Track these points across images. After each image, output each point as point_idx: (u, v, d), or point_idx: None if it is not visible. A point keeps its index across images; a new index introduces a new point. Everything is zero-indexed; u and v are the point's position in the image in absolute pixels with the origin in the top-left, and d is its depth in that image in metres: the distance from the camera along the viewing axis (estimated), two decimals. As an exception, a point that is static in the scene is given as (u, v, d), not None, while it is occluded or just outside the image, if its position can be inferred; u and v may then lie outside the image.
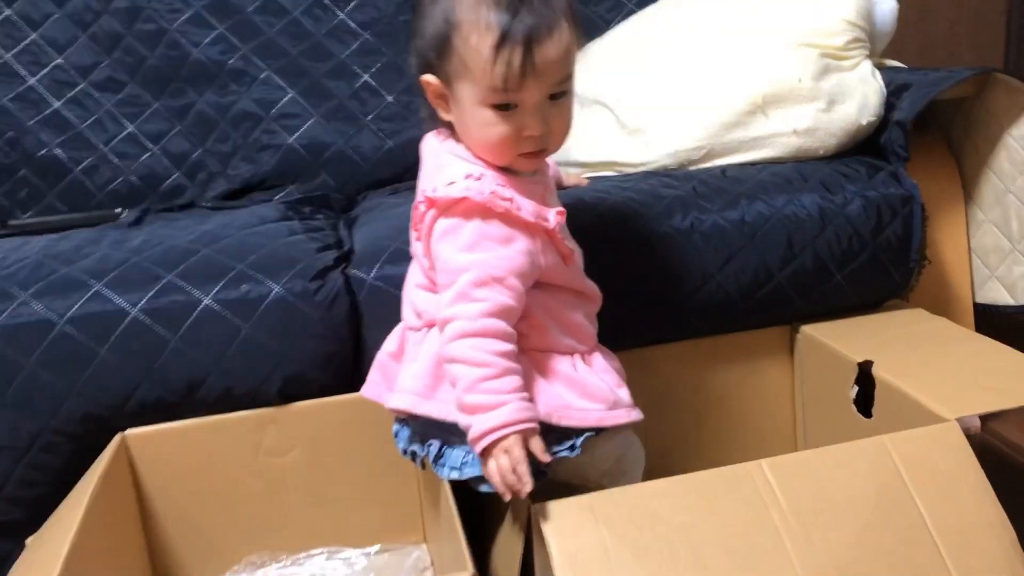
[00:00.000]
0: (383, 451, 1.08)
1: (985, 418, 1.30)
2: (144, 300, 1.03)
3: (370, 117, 1.55)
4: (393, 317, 1.06)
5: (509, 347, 0.80)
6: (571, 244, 0.89)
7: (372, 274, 1.08)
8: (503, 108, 0.81)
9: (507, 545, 0.86)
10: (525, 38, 0.77)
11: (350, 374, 1.09)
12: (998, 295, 1.29)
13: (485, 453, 0.78)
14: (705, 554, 0.77)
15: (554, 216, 0.84)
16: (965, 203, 1.32)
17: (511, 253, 0.81)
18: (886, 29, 1.38)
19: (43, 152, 1.49)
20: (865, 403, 1.07)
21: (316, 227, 1.19)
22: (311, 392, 1.08)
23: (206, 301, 1.04)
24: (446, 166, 0.86)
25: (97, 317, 1.02)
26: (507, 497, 0.77)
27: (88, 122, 1.52)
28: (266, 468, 1.09)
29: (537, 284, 0.85)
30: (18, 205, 1.48)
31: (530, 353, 0.85)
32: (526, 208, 0.82)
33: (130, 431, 1.05)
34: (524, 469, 0.76)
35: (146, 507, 1.07)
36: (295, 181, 1.52)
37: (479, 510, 0.95)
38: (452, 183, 0.81)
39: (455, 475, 0.84)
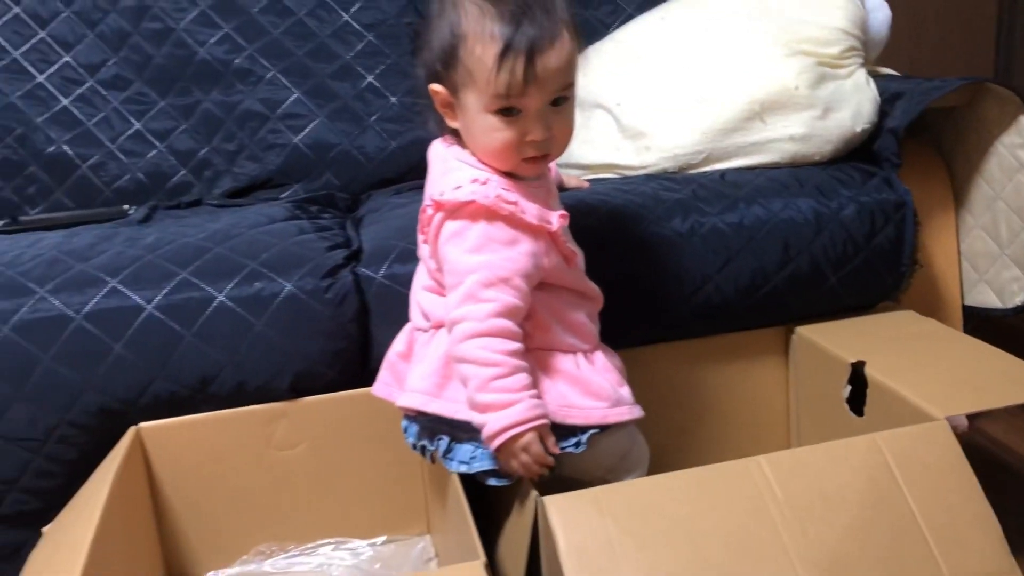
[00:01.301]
0: (389, 445, 1.12)
1: (973, 417, 1.34)
2: (159, 296, 1.05)
3: (374, 118, 1.57)
4: (400, 315, 1.09)
5: (517, 346, 0.83)
6: (573, 246, 0.92)
7: (380, 273, 1.11)
8: (506, 114, 0.84)
9: (514, 536, 0.89)
10: (527, 48, 0.81)
11: (358, 370, 1.12)
12: (987, 298, 1.32)
13: (500, 449, 0.81)
14: (705, 545, 0.80)
15: (557, 219, 0.87)
16: (956, 209, 1.35)
17: (516, 255, 0.84)
18: (880, 38, 1.41)
19: (52, 149, 1.50)
20: (857, 402, 1.09)
21: (324, 226, 1.21)
22: (320, 387, 1.10)
23: (220, 298, 1.06)
24: (452, 171, 0.88)
25: (113, 313, 1.04)
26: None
27: (95, 119, 1.54)
28: (276, 461, 1.11)
29: (541, 285, 0.88)
30: (27, 201, 1.49)
31: (534, 352, 0.88)
32: (530, 211, 0.85)
33: (144, 424, 1.07)
34: (548, 462, 0.81)
35: (159, 498, 1.10)
36: (300, 180, 1.54)
37: (483, 503, 0.98)
38: (459, 187, 0.84)
39: (464, 468, 0.87)
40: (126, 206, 1.46)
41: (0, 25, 1.55)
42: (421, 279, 0.95)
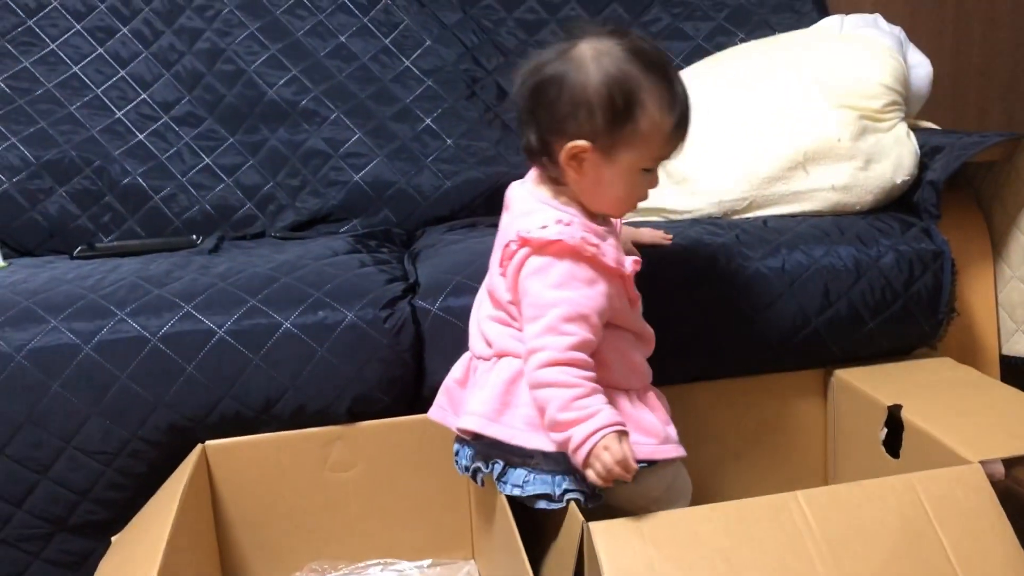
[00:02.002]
0: (439, 471, 1.16)
1: (1008, 464, 1.35)
2: (229, 322, 1.12)
3: (430, 158, 1.64)
4: (453, 345, 1.14)
5: (592, 374, 0.89)
6: (634, 290, 0.98)
7: (436, 305, 1.17)
8: (647, 172, 0.94)
9: (559, 560, 0.93)
10: (687, 119, 0.93)
11: (412, 397, 1.18)
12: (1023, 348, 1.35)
13: (586, 457, 0.85)
14: (743, 574, 0.83)
15: (631, 264, 0.94)
16: (994, 259, 1.38)
17: (595, 294, 0.90)
18: (921, 93, 1.46)
19: (126, 180, 1.59)
20: (893, 444, 1.12)
21: (383, 260, 1.28)
22: (375, 412, 1.15)
23: (286, 325, 1.12)
24: (535, 211, 0.94)
25: (186, 336, 1.11)
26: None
27: (168, 154, 1.63)
28: (330, 482, 1.16)
29: (606, 325, 0.93)
30: (101, 229, 1.58)
31: None
32: (609, 255, 0.91)
33: (210, 442, 1.13)
34: (630, 458, 0.85)
35: (220, 512, 1.15)
36: (359, 216, 1.61)
37: (526, 529, 1.02)
38: (544, 227, 0.90)
39: (517, 492, 0.92)
40: (194, 236, 1.53)
41: (84, 64, 1.66)
42: (486, 309, 1.00)
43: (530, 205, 0.96)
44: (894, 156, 1.31)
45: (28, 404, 1.09)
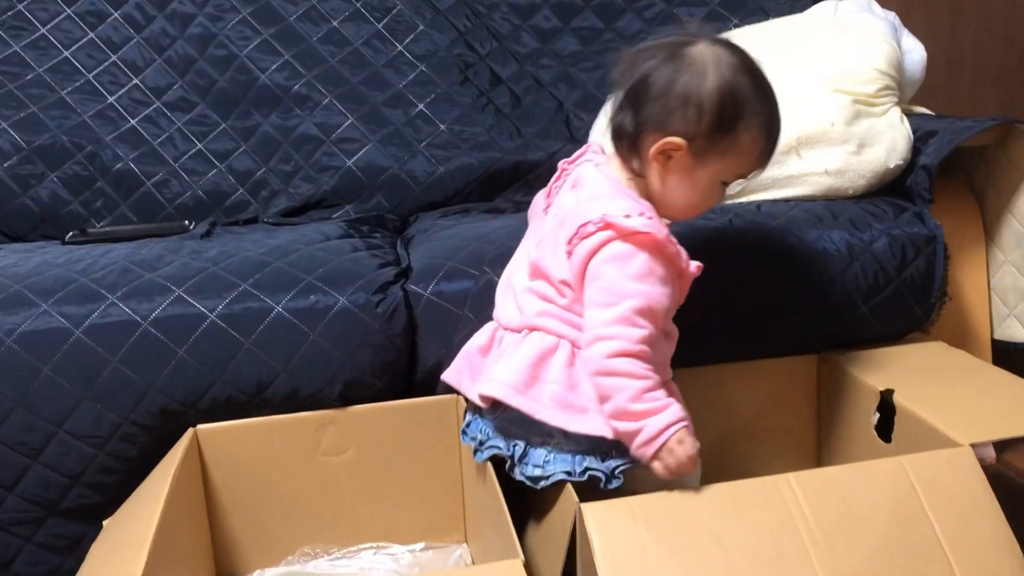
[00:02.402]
0: (431, 455, 1.17)
1: (1000, 447, 1.36)
2: (221, 306, 1.12)
3: (423, 144, 1.64)
4: (446, 329, 1.15)
5: (654, 367, 0.89)
6: (686, 294, 0.98)
7: (429, 290, 1.16)
8: (724, 184, 0.96)
9: (551, 540, 0.93)
10: (775, 146, 0.97)
11: (404, 381, 1.18)
12: (1015, 332, 1.35)
13: (657, 452, 0.86)
14: (735, 556, 0.83)
15: (695, 267, 0.95)
16: (986, 244, 1.38)
17: (667, 292, 0.91)
18: (915, 78, 1.46)
19: (119, 166, 1.58)
20: (885, 429, 1.12)
21: (376, 245, 1.28)
22: (368, 397, 1.15)
23: (277, 309, 1.12)
24: (613, 197, 0.93)
25: (178, 320, 1.11)
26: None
27: (160, 139, 1.63)
28: (323, 466, 1.16)
29: None
30: (94, 214, 1.57)
31: None
32: (683, 255, 0.92)
33: (201, 426, 1.12)
34: (697, 453, 0.87)
35: (212, 497, 1.15)
36: (352, 201, 1.61)
37: (518, 513, 1.02)
38: (628, 216, 0.89)
39: (538, 472, 0.92)
40: (187, 221, 1.53)
41: (75, 49, 1.65)
42: (523, 281, 0.99)
43: (606, 189, 0.95)
44: (887, 141, 1.31)
45: (19, 388, 1.08)
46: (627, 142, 0.95)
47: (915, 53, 1.45)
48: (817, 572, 0.83)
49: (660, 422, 0.86)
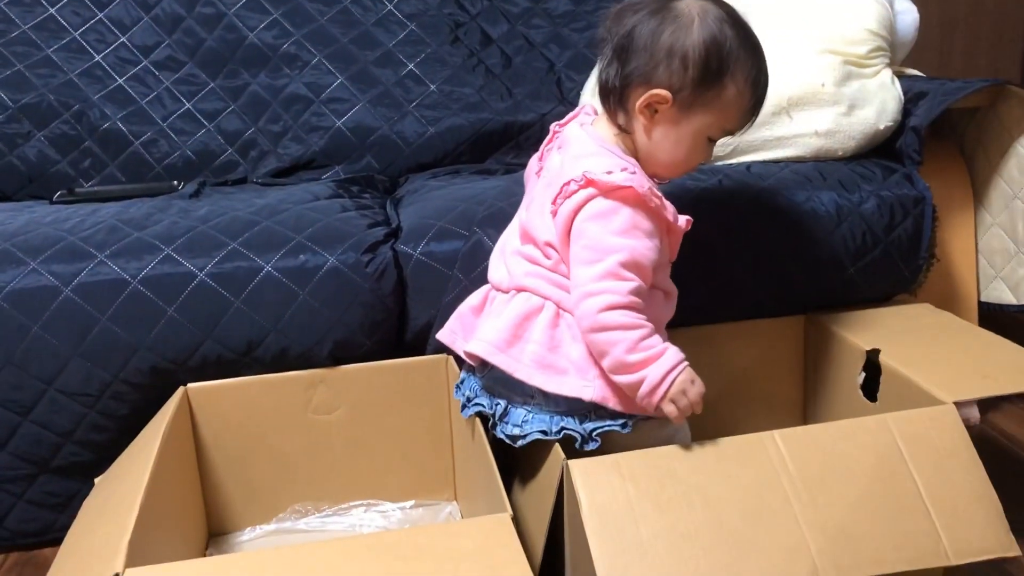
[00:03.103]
0: (421, 414, 1.18)
1: (984, 406, 1.37)
2: (210, 265, 1.12)
3: (413, 104, 1.63)
4: (435, 289, 1.15)
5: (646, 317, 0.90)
6: (676, 250, 0.99)
7: (418, 250, 1.17)
8: (711, 141, 0.95)
9: (539, 496, 0.94)
10: (762, 102, 0.97)
11: (394, 341, 1.18)
12: (1002, 295, 1.36)
13: (665, 395, 0.87)
14: (720, 510, 0.85)
15: (684, 221, 0.95)
16: (974, 207, 1.39)
17: (652, 245, 0.90)
18: (907, 40, 1.45)
19: (106, 125, 1.57)
20: (871, 389, 1.13)
21: (366, 205, 1.27)
22: (358, 356, 1.16)
23: (267, 268, 1.12)
24: (596, 155, 0.93)
25: (167, 278, 1.11)
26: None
27: (148, 98, 1.61)
28: (313, 424, 1.17)
29: None
30: (82, 174, 1.56)
31: None
32: (669, 209, 0.92)
33: (192, 385, 1.13)
34: (702, 392, 0.89)
35: (203, 455, 1.16)
36: (341, 162, 1.60)
37: (506, 471, 1.03)
38: (610, 172, 0.89)
39: (516, 431, 0.93)
40: (175, 182, 1.52)
41: (60, 6, 1.62)
42: (513, 244, 1.00)
43: (590, 147, 0.95)
44: (878, 102, 1.31)
45: (8, 346, 1.09)
46: (613, 97, 0.95)
47: (908, 15, 1.44)
48: (800, 524, 0.85)
49: (660, 369, 0.87)
